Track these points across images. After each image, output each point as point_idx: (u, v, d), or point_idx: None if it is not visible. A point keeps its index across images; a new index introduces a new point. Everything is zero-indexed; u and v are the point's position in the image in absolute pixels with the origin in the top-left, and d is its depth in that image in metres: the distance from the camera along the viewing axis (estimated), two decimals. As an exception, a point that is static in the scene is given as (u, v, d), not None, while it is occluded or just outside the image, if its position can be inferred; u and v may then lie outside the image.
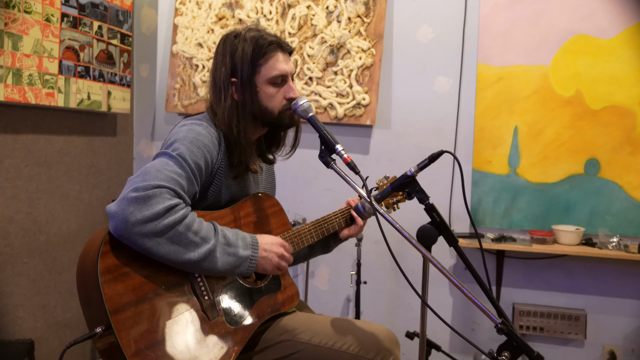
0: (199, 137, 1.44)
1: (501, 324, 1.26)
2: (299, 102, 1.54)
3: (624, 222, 2.76)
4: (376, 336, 1.56)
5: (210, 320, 1.41)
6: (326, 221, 1.72)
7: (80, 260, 1.31)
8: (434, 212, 1.42)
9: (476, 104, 2.92)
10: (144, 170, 1.32)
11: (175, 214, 1.29)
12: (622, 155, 2.74)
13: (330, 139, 1.48)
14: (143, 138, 3.42)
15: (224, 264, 1.36)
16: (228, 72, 1.55)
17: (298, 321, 1.62)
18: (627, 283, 2.83)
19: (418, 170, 1.45)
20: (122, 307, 1.25)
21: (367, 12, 3.00)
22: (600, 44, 2.74)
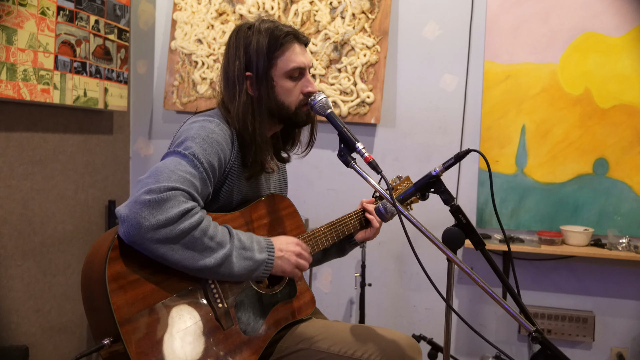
0: (211, 134, 1.36)
1: (535, 332, 1.20)
2: (317, 97, 1.46)
3: (633, 222, 2.72)
4: (398, 344, 1.49)
5: (225, 330, 1.33)
6: (341, 223, 1.65)
7: (86, 266, 1.22)
8: (460, 214, 1.35)
9: (483, 103, 2.87)
10: (156, 171, 1.24)
11: (190, 218, 1.21)
12: (632, 155, 2.70)
13: (351, 137, 1.40)
14: (140, 136, 3.32)
15: (240, 269, 1.28)
16: (242, 65, 1.46)
17: (315, 329, 1.54)
18: (636, 284, 2.79)
19: (443, 169, 1.39)
20: (131, 317, 1.17)
21: (372, 8, 2.93)
22: (610, 41, 2.69)
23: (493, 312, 2.98)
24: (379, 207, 1.45)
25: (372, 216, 1.68)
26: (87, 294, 1.21)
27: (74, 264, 2.87)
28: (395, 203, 1.28)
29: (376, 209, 1.47)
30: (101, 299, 1.15)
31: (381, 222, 1.69)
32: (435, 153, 2.95)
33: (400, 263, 3.05)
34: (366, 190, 3.02)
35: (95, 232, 3.03)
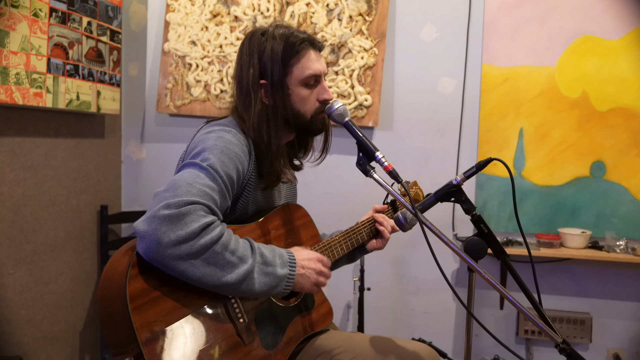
0: (229, 145, 1.32)
1: (563, 344, 1.19)
2: (334, 105, 1.43)
3: (630, 225, 2.74)
4: (419, 355, 1.47)
5: (246, 345, 1.29)
6: (355, 232, 1.62)
7: (104, 284, 1.17)
8: (482, 224, 1.33)
9: (481, 106, 2.86)
10: (174, 184, 1.19)
11: (211, 232, 1.17)
12: (629, 158, 2.72)
13: (370, 145, 1.37)
14: (132, 139, 3.26)
15: (261, 285, 1.24)
16: (256, 73, 1.42)
17: (335, 341, 1.51)
18: (633, 286, 2.82)
19: (464, 178, 1.37)
20: (154, 336, 1.13)
21: (369, 11, 2.90)
22: (607, 45, 2.71)
23: (491, 314, 2.98)
24: (398, 217, 1.43)
25: (382, 227, 1.65)
26: (106, 310, 1.17)
27: (65, 271, 2.80)
28: (418, 214, 1.26)
29: (395, 219, 1.44)
30: (122, 317, 1.11)
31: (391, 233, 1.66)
32: (433, 156, 2.94)
33: (398, 267, 3.04)
34: (363, 194, 3.00)
35: (87, 238, 2.96)
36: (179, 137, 3.20)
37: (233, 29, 3.03)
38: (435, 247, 3.11)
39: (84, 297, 2.97)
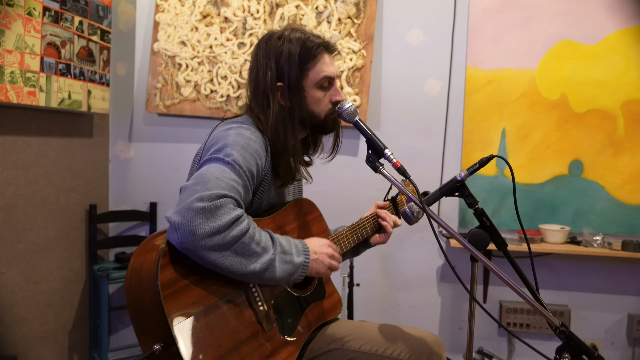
0: (249, 142, 1.37)
1: (562, 327, 1.28)
2: (344, 105, 1.50)
3: (606, 221, 2.88)
4: (425, 341, 1.55)
5: (266, 332, 1.35)
6: (360, 227, 1.69)
7: (133, 274, 1.22)
8: (484, 217, 1.42)
9: (465, 107, 2.97)
10: (202, 178, 1.24)
11: (240, 224, 1.23)
12: (605, 157, 2.86)
13: (380, 143, 1.45)
14: (120, 139, 3.26)
15: (281, 273, 1.31)
16: (274, 75, 1.47)
17: (346, 329, 1.58)
18: (609, 279, 2.96)
19: (468, 174, 1.45)
20: (184, 323, 1.18)
21: (357, 14, 2.98)
22: (585, 49, 2.84)
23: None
24: (405, 211, 1.50)
25: (385, 223, 1.73)
26: (136, 301, 1.21)
27: (55, 270, 2.80)
28: (425, 208, 1.33)
29: (403, 213, 1.51)
30: (153, 306, 1.16)
31: (394, 226, 1.74)
32: (419, 155, 3.04)
33: (386, 264, 3.12)
34: (353, 192, 3.08)
35: (76, 237, 2.96)
36: (168, 137, 3.22)
37: (223, 30, 3.07)
38: (423, 244, 3.20)
39: (73, 296, 2.97)
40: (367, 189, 3.08)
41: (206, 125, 3.17)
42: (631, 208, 2.85)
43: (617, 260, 2.92)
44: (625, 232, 2.86)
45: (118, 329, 3.30)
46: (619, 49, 2.81)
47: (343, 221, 1.94)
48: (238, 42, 3.05)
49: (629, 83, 2.82)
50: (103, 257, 3.24)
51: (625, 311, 2.96)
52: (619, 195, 2.86)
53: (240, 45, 3.06)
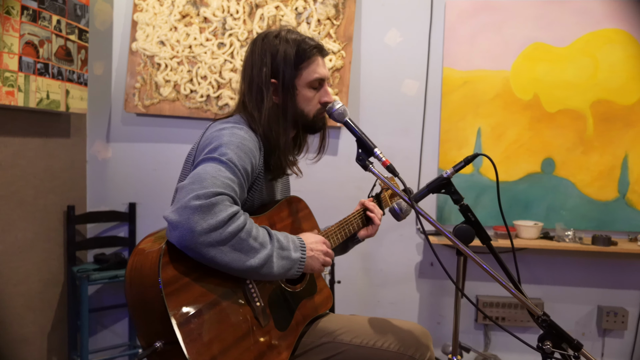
0: (243, 141, 1.40)
1: (544, 316, 1.34)
2: (335, 105, 1.54)
3: (577, 216, 2.99)
4: (413, 333, 1.60)
5: (263, 327, 1.38)
6: (347, 223, 1.73)
7: (133, 274, 1.23)
8: (469, 212, 1.48)
9: (442, 107, 3.04)
10: (198, 177, 1.26)
11: (237, 220, 1.25)
12: (575, 155, 2.97)
13: (369, 142, 1.49)
14: (97, 139, 3.23)
15: (279, 268, 1.34)
16: (269, 72, 1.51)
17: (337, 323, 1.63)
18: (580, 273, 3.08)
19: (454, 172, 1.50)
20: (186, 320, 1.20)
21: (336, 15, 3.02)
22: (556, 51, 2.94)
23: (452, 303, 3.16)
24: (394, 207, 1.55)
25: (372, 214, 1.77)
26: (137, 299, 1.22)
27: (34, 272, 2.76)
28: (415, 205, 1.38)
29: (391, 209, 1.56)
30: (156, 304, 1.17)
31: (381, 219, 1.79)
32: (398, 154, 3.10)
33: (366, 261, 3.17)
34: (336, 192, 3.12)
35: (54, 239, 2.93)
36: (147, 137, 3.21)
37: (202, 30, 3.07)
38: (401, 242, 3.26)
39: (52, 298, 2.93)
40: (348, 188, 3.12)
41: (186, 125, 3.17)
42: (600, 204, 2.97)
43: (587, 254, 3.04)
44: (595, 227, 2.97)
45: (97, 331, 3.27)
46: (588, 51, 2.92)
47: (324, 220, 1.98)
48: (218, 42, 3.06)
49: (597, 84, 2.93)
50: (81, 259, 3.21)
51: (595, 303, 3.09)
52: (589, 192, 2.98)
53: (220, 46, 3.07)
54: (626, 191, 2.96)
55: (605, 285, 3.07)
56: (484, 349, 3.16)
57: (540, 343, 1.35)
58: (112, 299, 3.27)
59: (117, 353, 3.17)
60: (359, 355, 1.55)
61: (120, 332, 3.29)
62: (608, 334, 3.10)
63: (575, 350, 1.32)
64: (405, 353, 1.55)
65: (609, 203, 2.97)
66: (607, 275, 3.06)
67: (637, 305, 3.05)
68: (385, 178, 1.51)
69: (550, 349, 1.33)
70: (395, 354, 1.55)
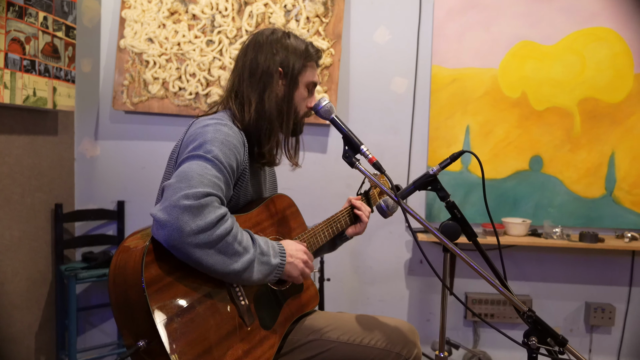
0: (228, 137, 1.39)
1: (529, 312, 1.35)
2: (322, 103, 1.54)
3: (565, 213, 3.01)
4: (400, 330, 1.60)
5: (247, 326, 1.38)
6: (335, 220, 1.73)
7: (117, 272, 1.22)
8: (455, 209, 1.48)
9: (431, 104, 3.05)
10: (185, 175, 1.25)
11: (225, 223, 1.25)
12: (563, 153, 2.99)
13: (356, 139, 1.50)
14: (85, 137, 3.21)
15: (258, 273, 1.34)
16: (278, 60, 1.53)
17: (324, 320, 1.63)
18: (568, 269, 3.10)
19: (440, 169, 1.51)
20: (169, 319, 1.19)
21: (325, 12, 3.02)
22: (544, 49, 2.96)
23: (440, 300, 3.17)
24: (380, 205, 1.55)
25: (360, 212, 1.78)
26: (121, 298, 1.21)
27: (21, 271, 2.74)
28: (400, 202, 1.39)
29: (378, 206, 1.56)
30: (138, 303, 1.17)
31: (369, 217, 1.79)
32: (387, 152, 3.10)
33: (355, 259, 3.18)
34: (324, 190, 3.12)
35: (42, 237, 2.90)
36: (135, 134, 3.19)
37: (191, 27, 3.06)
38: (390, 239, 3.27)
39: (40, 297, 2.91)
40: (336, 186, 3.12)
41: (174, 123, 3.16)
42: (587, 201, 2.99)
43: (575, 251, 3.06)
44: (582, 224, 3.00)
45: (85, 330, 3.26)
46: (575, 50, 2.94)
47: (313, 217, 1.98)
48: (206, 40, 3.05)
49: (584, 82, 2.95)
50: (69, 257, 3.19)
51: (582, 299, 3.11)
52: (576, 189, 3.00)
53: (209, 43, 3.06)
54: (613, 188, 2.98)
55: (592, 281, 3.09)
56: (473, 346, 3.17)
57: (525, 339, 1.36)
58: (100, 297, 3.25)
59: (105, 352, 3.16)
60: (346, 353, 1.55)
61: (108, 331, 3.28)
62: (596, 330, 3.13)
63: (560, 346, 1.34)
64: (392, 350, 1.56)
65: (596, 200, 2.99)
66: (594, 272, 3.09)
67: (624, 301, 3.08)
68: (373, 175, 1.51)
69: (536, 345, 1.34)
70: (382, 351, 1.55)
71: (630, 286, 3.07)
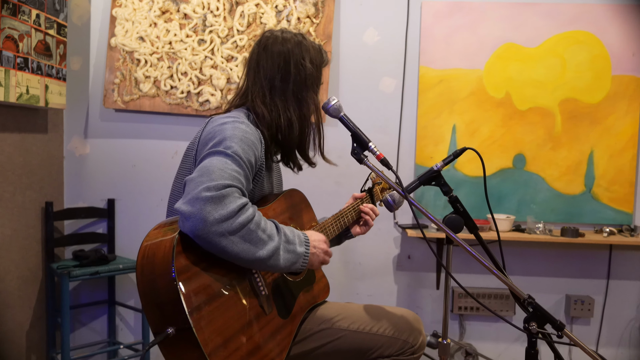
0: (246, 135, 1.44)
1: (529, 299, 1.43)
2: (331, 101, 1.60)
3: (547, 209, 3.13)
4: (406, 318, 1.68)
5: (267, 314, 1.44)
6: (342, 216, 1.80)
7: (145, 262, 1.26)
8: (458, 203, 1.55)
9: (419, 104, 3.14)
10: (207, 170, 1.30)
11: (246, 211, 1.29)
12: (545, 151, 3.11)
13: (364, 137, 1.56)
14: (75, 135, 3.21)
15: (285, 261, 1.38)
16: (309, 74, 1.61)
17: (334, 310, 1.69)
18: (550, 263, 3.22)
19: (443, 165, 1.58)
20: (197, 306, 1.24)
21: (316, 13, 3.08)
22: (527, 51, 3.07)
23: (428, 294, 3.27)
24: (387, 199, 1.62)
25: (367, 217, 1.85)
26: (150, 289, 1.25)
27: (12, 269, 2.73)
28: (407, 196, 1.46)
29: (384, 200, 1.63)
30: (169, 292, 1.21)
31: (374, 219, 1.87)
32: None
33: (345, 254, 3.24)
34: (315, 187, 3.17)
35: (33, 235, 2.89)
36: (126, 133, 3.20)
37: (183, 27, 3.08)
38: (379, 235, 3.33)
39: (31, 295, 2.90)
40: (326, 183, 3.19)
41: (166, 121, 3.18)
42: (568, 197, 3.12)
43: (557, 246, 3.18)
44: (563, 220, 3.12)
45: (75, 328, 3.25)
46: (556, 52, 3.06)
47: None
48: (198, 39, 3.08)
49: (565, 83, 3.07)
50: (59, 256, 3.18)
51: (563, 292, 3.24)
52: (558, 186, 3.12)
53: (201, 42, 3.08)
54: (592, 185, 3.11)
55: (573, 275, 3.22)
56: (459, 338, 3.27)
57: (526, 324, 1.44)
58: (90, 295, 3.25)
59: (96, 350, 3.16)
60: (356, 340, 1.62)
61: (99, 329, 3.28)
62: (575, 322, 3.25)
63: (558, 330, 1.42)
64: (400, 337, 1.63)
65: (576, 197, 3.12)
66: (574, 266, 3.21)
67: (602, 293, 3.21)
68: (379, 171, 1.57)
69: (536, 329, 1.42)
70: (390, 338, 1.63)
71: (608, 279, 3.21)
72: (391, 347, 1.63)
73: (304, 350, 1.64)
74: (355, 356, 1.64)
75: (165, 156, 3.21)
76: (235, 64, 3.08)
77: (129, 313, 3.29)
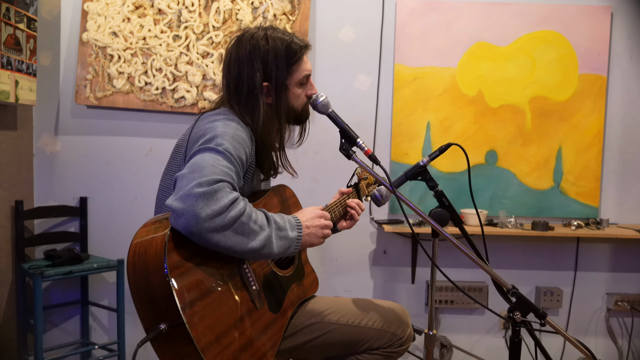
0: (237, 132, 1.44)
1: (513, 289, 1.48)
2: (319, 98, 1.61)
3: (518, 204, 3.22)
4: (395, 311, 1.71)
5: (258, 309, 1.44)
6: (330, 210, 1.81)
7: (137, 258, 1.25)
8: (444, 197, 1.59)
9: (394, 101, 3.18)
10: (198, 166, 1.30)
11: (238, 205, 1.30)
12: (515, 147, 3.20)
13: (352, 133, 1.58)
14: (45, 132, 3.13)
15: (278, 248, 1.39)
16: (261, 75, 1.55)
17: (324, 304, 1.71)
18: (520, 256, 3.31)
19: (429, 160, 1.62)
20: (190, 302, 1.24)
21: (292, 10, 3.09)
22: (498, 50, 3.15)
23: (404, 288, 3.32)
24: (375, 194, 1.64)
25: (353, 212, 1.87)
26: (143, 286, 1.24)
27: (-18, 270, 2.66)
28: (395, 191, 1.49)
29: (372, 195, 1.66)
30: (162, 288, 1.21)
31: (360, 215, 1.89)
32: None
33: (321, 250, 3.27)
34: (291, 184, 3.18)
35: (2, 235, 2.82)
36: (99, 130, 3.14)
37: (157, 22, 3.04)
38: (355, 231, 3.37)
39: (1, 297, 2.82)
40: (303, 180, 3.19)
41: (140, 118, 3.13)
42: (538, 192, 3.22)
43: (527, 239, 3.28)
44: (534, 214, 3.22)
45: (46, 329, 3.18)
46: (526, 51, 3.15)
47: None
48: (173, 35, 3.05)
49: (535, 81, 3.17)
50: (29, 256, 3.10)
51: (533, 284, 3.34)
52: (528, 181, 3.21)
53: (176, 38, 3.05)
54: (560, 180, 3.21)
55: (542, 267, 3.32)
56: (434, 331, 3.33)
57: (510, 313, 1.49)
58: (62, 296, 3.18)
59: (69, 351, 3.10)
60: (346, 333, 1.65)
61: (71, 330, 3.21)
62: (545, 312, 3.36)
63: (541, 319, 1.47)
64: (388, 330, 1.67)
65: (545, 192, 3.22)
66: (544, 258, 3.32)
67: (570, 284, 3.33)
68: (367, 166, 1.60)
69: (520, 318, 1.47)
70: (379, 331, 1.66)
71: (575, 270, 3.33)
72: (380, 340, 1.66)
73: (294, 344, 1.65)
74: (345, 349, 1.66)
75: (140, 153, 3.17)
76: (211, 60, 3.06)
77: (102, 313, 3.24)
